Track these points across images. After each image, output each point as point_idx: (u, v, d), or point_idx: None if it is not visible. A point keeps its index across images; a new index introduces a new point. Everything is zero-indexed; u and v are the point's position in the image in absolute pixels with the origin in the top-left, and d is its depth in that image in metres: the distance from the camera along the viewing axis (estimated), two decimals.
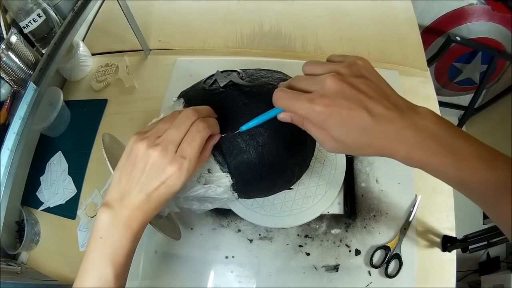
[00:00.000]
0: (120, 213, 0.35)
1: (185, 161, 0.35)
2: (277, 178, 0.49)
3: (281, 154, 0.46)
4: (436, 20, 1.27)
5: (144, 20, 0.87)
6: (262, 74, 0.48)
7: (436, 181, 0.33)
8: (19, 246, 0.63)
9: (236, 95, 0.44)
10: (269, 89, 0.45)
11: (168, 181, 0.35)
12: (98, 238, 0.35)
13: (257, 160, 0.44)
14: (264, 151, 0.44)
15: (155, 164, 0.35)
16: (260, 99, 0.44)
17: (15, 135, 0.52)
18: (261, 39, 0.84)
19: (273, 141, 0.44)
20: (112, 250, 0.35)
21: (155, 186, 0.35)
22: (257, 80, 0.47)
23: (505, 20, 1.20)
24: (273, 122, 0.38)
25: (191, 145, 0.36)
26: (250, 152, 0.44)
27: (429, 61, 0.91)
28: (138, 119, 0.74)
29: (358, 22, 0.86)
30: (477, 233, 0.55)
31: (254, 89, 0.45)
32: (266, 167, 0.45)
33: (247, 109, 0.43)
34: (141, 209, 0.36)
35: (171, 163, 0.34)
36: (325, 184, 0.61)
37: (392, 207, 0.62)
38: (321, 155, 0.63)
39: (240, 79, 0.47)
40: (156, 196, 0.36)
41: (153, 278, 0.59)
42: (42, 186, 0.70)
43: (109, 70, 0.81)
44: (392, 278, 0.57)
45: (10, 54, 0.56)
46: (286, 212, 0.59)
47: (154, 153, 0.35)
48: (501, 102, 1.43)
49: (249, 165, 0.44)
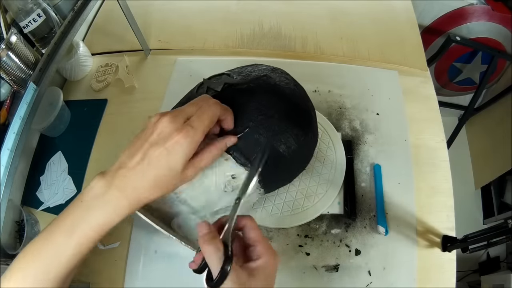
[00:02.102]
0: (110, 183, 0.34)
1: (191, 129, 0.34)
2: (298, 159, 0.49)
3: (297, 135, 0.46)
4: (436, 20, 1.27)
5: (144, 20, 0.87)
6: (248, 70, 0.49)
7: (436, 181, 0.33)
8: (19, 246, 0.63)
9: (236, 95, 0.44)
10: (264, 80, 0.45)
11: (170, 147, 0.33)
12: (79, 200, 0.34)
13: (278, 148, 0.44)
14: (282, 137, 0.44)
15: (162, 131, 0.34)
16: (260, 91, 0.44)
17: (15, 135, 0.52)
18: (261, 39, 0.84)
19: (287, 124, 0.44)
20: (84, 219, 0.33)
21: (156, 153, 0.33)
22: (248, 76, 0.47)
23: (505, 20, 1.20)
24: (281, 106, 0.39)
25: (200, 117, 0.35)
26: (269, 142, 0.44)
27: (429, 61, 0.91)
28: (138, 119, 0.74)
29: (358, 22, 0.86)
30: (477, 233, 0.55)
31: (252, 83, 0.45)
32: (287, 152, 0.45)
33: (252, 104, 0.43)
34: (134, 182, 0.33)
35: (177, 129, 0.34)
36: (325, 184, 0.61)
37: (392, 207, 0.62)
38: (321, 154, 0.63)
39: (233, 79, 0.47)
40: (155, 166, 0.34)
41: (153, 278, 0.59)
42: (42, 186, 0.70)
43: (109, 70, 0.81)
44: (391, 278, 0.57)
45: (10, 54, 0.56)
46: (286, 212, 0.59)
47: (163, 120, 0.34)
48: (501, 102, 1.44)
49: (271, 156, 0.44)
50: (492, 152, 1.50)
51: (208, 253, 0.33)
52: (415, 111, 0.72)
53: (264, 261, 0.35)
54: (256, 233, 0.36)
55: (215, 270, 0.32)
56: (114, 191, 0.33)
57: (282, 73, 0.49)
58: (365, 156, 0.67)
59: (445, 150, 0.68)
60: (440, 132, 0.69)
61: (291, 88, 0.47)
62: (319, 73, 0.77)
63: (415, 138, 0.69)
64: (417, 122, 0.71)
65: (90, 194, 0.34)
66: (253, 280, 0.33)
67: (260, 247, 0.35)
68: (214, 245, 0.33)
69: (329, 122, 0.67)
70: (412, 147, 0.68)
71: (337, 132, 0.67)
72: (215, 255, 0.33)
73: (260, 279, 0.34)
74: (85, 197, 0.34)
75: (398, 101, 0.73)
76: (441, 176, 0.65)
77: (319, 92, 0.74)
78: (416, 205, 0.62)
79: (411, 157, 0.67)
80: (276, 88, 0.46)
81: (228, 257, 0.33)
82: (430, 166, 0.66)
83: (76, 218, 0.33)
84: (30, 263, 0.33)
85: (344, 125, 0.70)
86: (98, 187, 0.34)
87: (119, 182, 0.34)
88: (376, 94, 0.74)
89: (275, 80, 0.46)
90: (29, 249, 0.34)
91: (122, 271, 0.59)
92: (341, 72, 0.77)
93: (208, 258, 0.33)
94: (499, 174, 1.39)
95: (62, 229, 0.33)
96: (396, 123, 0.71)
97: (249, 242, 0.36)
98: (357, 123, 0.71)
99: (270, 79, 0.46)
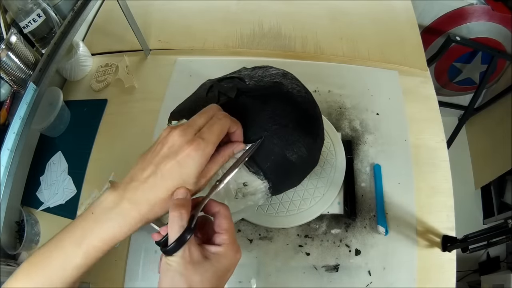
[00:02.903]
0: (122, 196, 0.34)
1: (202, 142, 0.34)
2: (308, 165, 0.50)
3: (308, 143, 0.46)
4: (436, 20, 1.27)
5: (144, 20, 0.87)
6: (259, 74, 0.48)
7: (436, 181, 0.33)
8: (19, 246, 0.63)
9: (249, 102, 0.44)
10: (277, 87, 0.45)
11: (182, 160, 0.33)
12: (89, 212, 0.34)
13: (291, 157, 0.44)
14: (295, 147, 0.44)
15: (173, 144, 0.34)
16: (274, 99, 0.44)
17: (15, 135, 0.52)
18: (261, 39, 0.84)
19: (300, 133, 0.44)
20: (94, 230, 0.33)
21: (168, 166, 0.33)
22: (260, 81, 0.46)
23: (505, 20, 1.20)
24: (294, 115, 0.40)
25: (210, 129, 0.35)
26: (282, 152, 0.44)
27: (429, 61, 0.91)
28: (138, 119, 0.74)
29: (358, 22, 0.86)
30: (477, 233, 0.55)
31: (265, 91, 0.45)
32: (298, 161, 0.45)
33: (266, 113, 0.43)
34: (146, 195, 0.33)
35: (188, 142, 0.34)
36: (325, 184, 0.61)
37: (392, 207, 0.62)
38: (321, 155, 0.63)
39: (245, 84, 0.46)
40: (167, 178, 0.33)
41: (153, 278, 0.59)
42: (42, 186, 0.70)
43: (109, 70, 0.81)
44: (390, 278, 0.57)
45: (10, 54, 0.56)
46: (286, 212, 0.59)
47: (173, 134, 0.34)
48: (501, 102, 1.44)
49: (283, 164, 0.44)
50: (492, 152, 1.50)
51: (172, 218, 0.32)
52: (415, 111, 0.72)
53: (224, 250, 0.34)
54: (227, 222, 0.35)
55: (173, 236, 0.32)
56: (125, 204, 0.33)
57: (293, 79, 0.49)
58: (365, 156, 0.67)
59: (445, 150, 0.68)
60: (440, 132, 0.69)
61: (303, 96, 0.47)
62: (319, 73, 0.77)
63: (415, 138, 0.69)
64: (417, 122, 0.71)
65: (101, 206, 0.34)
66: (205, 264, 0.32)
67: (226, 237, 0.34)
68: (181, 211, 0.32)
69: (329, 122, 0.67)
70: (412, 147, 0.68)
71: (337, 132, 0.67)
72: (178, 221, 0.32)
73: (213, 266, 0.33)
74: (96, 209, 0.34)
75: (398, 101, 0.73)
76: (441, 176, 0.65)
77: (319, 92, 0.74)
78: (416, 205, 0.62)
79: (411, 157, 0.67)
80: (289, 96, 0.46)
81: (190, 228, 0.32)
82: (430, 166, 0.66)
83: (86, 229, 0.34)
84: (37, 268, 0.33)
85: (344, 125, 0.70)
86: (110, 200, 0.34)
87: (131, 195, 0.34)
88: (376, 94, 0.74)
89: (287, 87, 0.46)
90: (37, 254, 0.34)
91: (122, 271, 0.59)
92: (341, 72, 0.77)
93: (171, 222, 0.32)
94: (499, 174, 1.39)
95: (72, 239, 0.34)
96: (396, 123, 0.71)
97: (217, 230, 0.35)
98: (357, 123, 0.71)
99: (282, 86, 0.46)
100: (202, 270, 0.32)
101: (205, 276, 0.32)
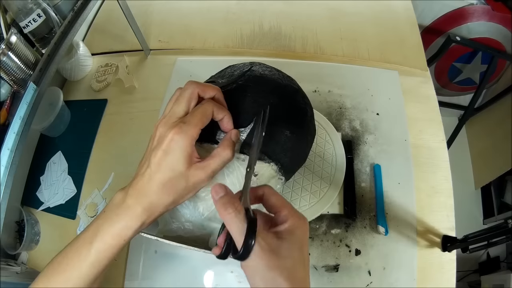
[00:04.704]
0: (126, 192, 0.35)
1: (183, 125, 0.34)
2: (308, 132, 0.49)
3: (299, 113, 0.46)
4: (436, 20, 1.27)
5: (144, 20, 0.87)
6: (228, 71, 0.49)
7: (436, 181, 0.33)
8: (19, 246, 0.63)
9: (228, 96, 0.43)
10: (249, 74, 0.46)
11: (166, 147, 0.34)
12: (102, 212, 0.36)
13: (285, 131, 0.44)
14: (287, 119, 0.45)
15: (159, 135, 0.35)
16: (251, 85, 0.44)
17: (15, 135, 0.52)
18: (261, 39, 0.84)
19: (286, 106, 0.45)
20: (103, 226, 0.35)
21: (157, 157, 0.34)
22: (232, 76, 0.47)
23: (505, 20, 1.20)
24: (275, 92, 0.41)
25: (192, 113, 0.36)
26: (276, 127, 0.44)
27: (429, 61, 0.91)
28: (138, 119, 0.74)
29: (358, 22, 0.86)
30: (477, 233, 0.55)
31: (240, 81, 0.45)
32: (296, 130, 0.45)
33: (247, 99, 0.43)
34: (144, 189, 0.35)
35: (170, 128, 0.34)
36: (325, 184, 0.61)
37: (392, 207, 0.62)
38: (321, 154, 0.63)
39: (219, 83, 0.46)
40: (158, 169, 0.34)
41: (153, 278, 0.59)
42: (42, 186, 0.70)
43: (109, 70, 0.81)
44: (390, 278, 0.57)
45: (10, 54, 0.56)
46: None
47: (159, 126, 0.36)
48: (501, 102, 1.44)
49: (282, 139, 0.44)
50: (492, 152, 1.50)
51: (229, 218, 0.29)
52: (415, 111, 0.72)
53: (291, 224, 0.31)
54: (278, 197, 0.33)
55: (238, 236, 0.29)
56: (129, 200, 0.35)
57: (261, 64, 0.50)
58: (365, 156, 0.67)
59: (445, 150, 0.68)
60: (440, 132, 0.69)
61: (275, 74, 0.48)
62: (319, 73, 0.77)
63: (415, 138, 0.69)
64: (417, 122, 0.71)
65: (111, 204, 0.36)
66: (283, 244, 0.30)
67: (285, 211, 0.32)
68: (234, 207, 0.30)
69: (329, 122, 0.67)
70: (412, 147, 0.68)
71: (337, 132, 0.67)
72: (237, 219, 0.29)
73: (291, 242, 0.30)
74: (107, 208, 0.36)
75: (398, 101, 0.73)
76: (441, 176, 0.65)
77: (319, 92, 0.74)
78: (416, 205, 0.62)
79: (411, 157, 0.67)
80: (264, 77, 0.46)
81: (252, 220, 0.28)
82: (430, 166, 0.66)
83: (97, 226, 0.35)
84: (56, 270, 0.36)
85: (344, 125, 0.70)
86: (118, 197, 0.36)
87: (132, 190, 0.35)
88: (376, 94, 0.74)
89: (259, 71, 0.47)
90: (56, 256, 0.36)
91: (122, 271, 0.59)
92: (341, 72, 0.77)
93: (230, 223, 0.29)
94: (499, 174, 1.39)
95: (85, 237, 0.35)
96: (396, 123, 0.71)
97: (272, 210, 0.33)
98: (357, 123, 0.71)
99: (254, 72, 0.47)
100: (285, 251, 0.30)
101: (291, 255, 0.30)
